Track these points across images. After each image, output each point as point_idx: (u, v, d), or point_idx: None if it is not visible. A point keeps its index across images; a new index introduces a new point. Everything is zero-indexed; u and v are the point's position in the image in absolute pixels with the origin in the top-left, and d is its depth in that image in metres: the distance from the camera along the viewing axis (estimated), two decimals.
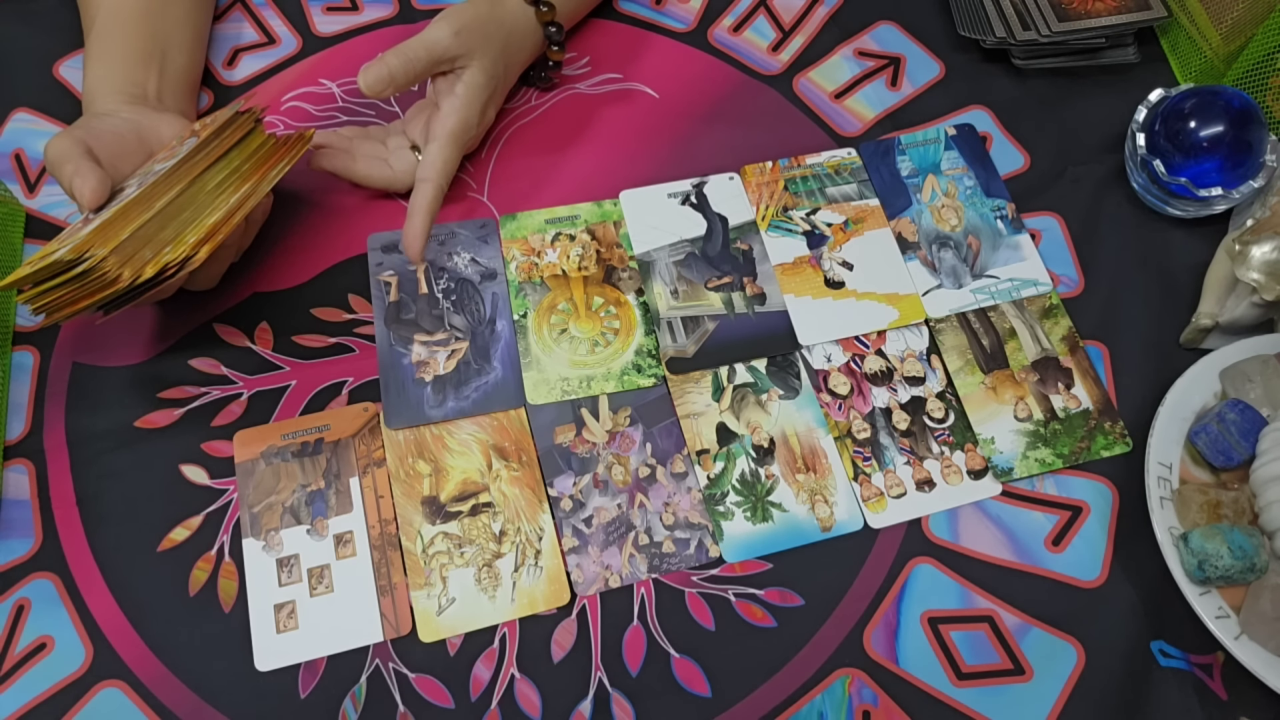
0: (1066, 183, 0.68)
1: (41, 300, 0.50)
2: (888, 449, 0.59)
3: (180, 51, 0.63)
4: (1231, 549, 0.50)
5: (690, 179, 0.67)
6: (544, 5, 0.63)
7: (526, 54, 0.65)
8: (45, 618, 0.52)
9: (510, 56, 0.63)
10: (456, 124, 0.60)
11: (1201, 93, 0.64)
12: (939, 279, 0.64)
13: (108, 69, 0.60)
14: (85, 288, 0.49)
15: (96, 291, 0.49)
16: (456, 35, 0.58)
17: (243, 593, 0.53)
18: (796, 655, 0.53)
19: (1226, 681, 0.53)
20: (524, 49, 0.64)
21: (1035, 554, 0.56)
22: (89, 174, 0.51)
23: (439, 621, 0.53)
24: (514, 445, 0.57)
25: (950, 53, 0.74)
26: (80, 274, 0.48)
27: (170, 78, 0.62)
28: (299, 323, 0.61)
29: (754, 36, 0.74)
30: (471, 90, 0.60)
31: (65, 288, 0.49)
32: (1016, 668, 0.53)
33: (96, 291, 0.49)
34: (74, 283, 0.49)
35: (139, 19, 0.62)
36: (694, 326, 0.61)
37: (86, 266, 0.48)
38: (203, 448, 0.57)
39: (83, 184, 0.51)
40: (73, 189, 0.51)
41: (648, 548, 0.55)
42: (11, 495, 0.55)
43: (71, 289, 0.49)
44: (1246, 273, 0.58)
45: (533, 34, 0.64)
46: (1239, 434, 0.54)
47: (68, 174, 0.52)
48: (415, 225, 0.58)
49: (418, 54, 0.57)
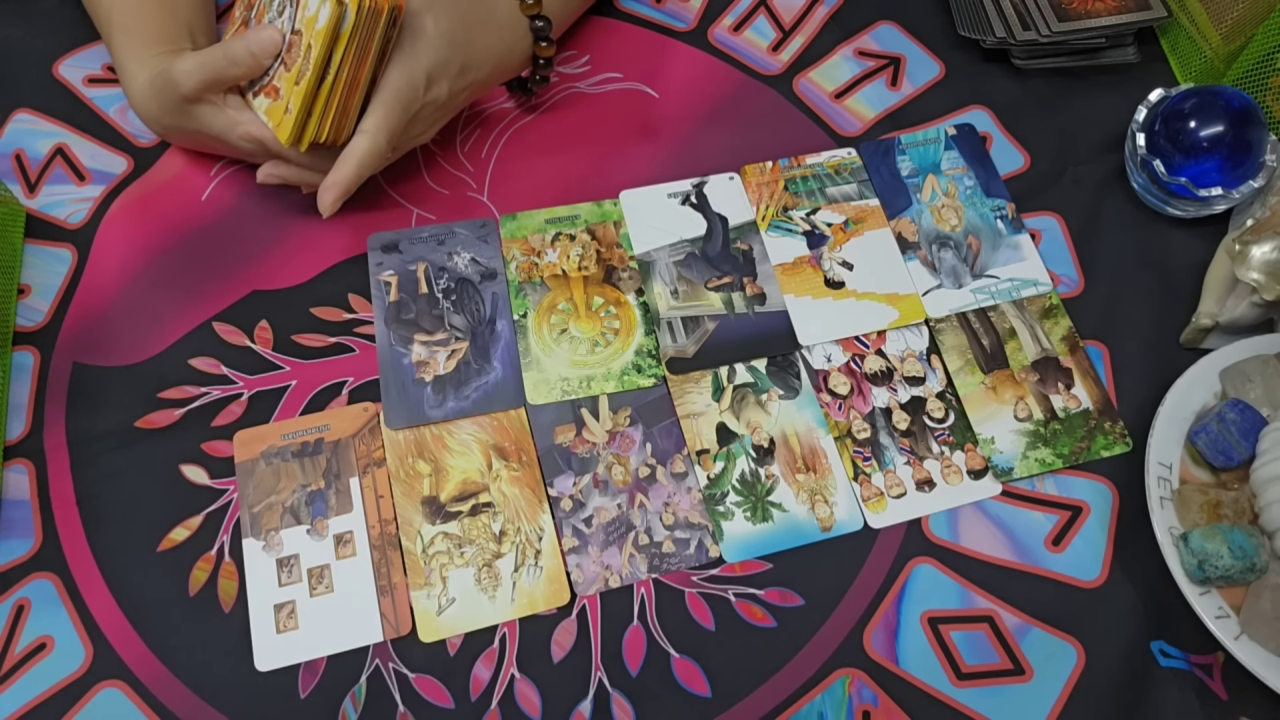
0: (1066, 183, 0.68)
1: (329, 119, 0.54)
2: (888, 449, 0.59)
3: (201, 34, 0.63)
4: (1231, 549, 0.50)
5: (690, 179, 0.67)
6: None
7: (508, 45, 0.61)
8: (45, 618, 0.52)
9: (482, 37, 0.59)
10: (396, 77, 0.56)
11: (1201, 93, 0.64)
12: (939, 279, 0.64)
13: (145, 51, 0.59)
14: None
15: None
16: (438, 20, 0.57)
17: (243, 593, 0.53)
18: (796, 655, 0.53)
19: (1226, 681, 0.53)
20: (505, 40, 0.61)
21: (1035, 554, 0.56)
22: (256, 31, 0.54)
23: (439, 621, 0.53)
24: (514, 445, 0.57)
25: (950, 53, 0.74)
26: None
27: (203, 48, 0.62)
28: (299, 322, 0.61)
29: (754, 36, 0.74)
30: (422, 44, 0.56)
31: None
32: (1016, 668, 0.53)
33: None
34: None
35: (159, 3, 0.61)
36: (694, 326, 0.61)
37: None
38: (203, 448, 0.57)
39: (259, 35, 0.54)
40: (252, 47, 0.54)
41: (648, 548, 0.55)
42: (11, 495, 0.55)
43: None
44: (1246, 273, 0.58)
45: (516, 25, 0.61)
46: (1239, 434, 0.54)
47: (235, 46, 0.54)
48: (336, 173, 0.55)
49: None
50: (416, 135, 0.61)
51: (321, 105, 0.54)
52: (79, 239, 0.63)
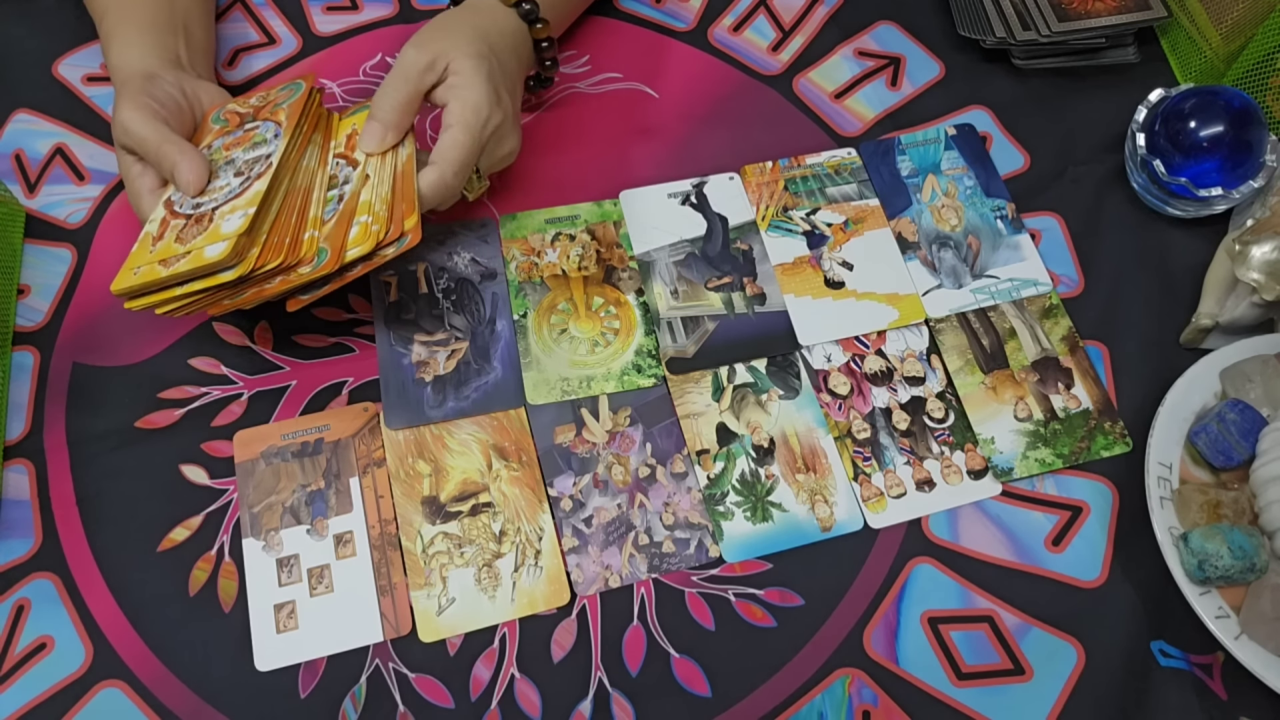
0: (1066, 183, 0.68)
1: (177, 305, 0.50)
2: (888, 449, 0.59)
3: (198, 26, 0.63)
4: (1231, 549, 0.50)
5: (690, 179, 0.67)
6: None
7: (508, 38, 0.60)
8: (45, 618, 0.52)
9: (492, 40, 0.59)
10: (462, 108, 0.55)
11: (1201, 93, 0.64)
12: (939, 279, 0.64)
13: (137, 36, 0.59)
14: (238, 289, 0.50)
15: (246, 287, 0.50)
16: (419, 46, 0.56)
17: (243, 593, 0.53)
18: (796, 655, 0.53)
19: (1226, 681, 0.53)
20: (504, 34, 0.60)
21: (1035, 554, 0.56)
22: (195, 160, 0.52)
23: (439, 621, 0.53)
24: (514, 445, 0.57)
25: (950, 53, 0.74)
26: (235, 280, 0.49)
27: (195, 48, 0.62)
28: (299, 322, 0.61)
29: (754, 36, 0.74)
30: (466, 75, 0.55)
31: (214, 293, 0.50)
32: (1016, 668, 0.53)
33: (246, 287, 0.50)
34: (226, 287, 0.50)
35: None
36: (694, 326, 0.61)
37: (242, 272, 0.49)
38: (203, 448, 0.57)
39: (188, 171, 0.52)
40: (175, 175, 0.52)
41: (648, 548, 0.55)
42: (11, 495, 0.55)
43: (222, 292, 0.50)
44: (1246, 273, 0.58)
45: (505, 20, 0.60)
46: (1239, 434, 0.54)
47: (170, 157, 0.52)
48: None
49: (396, 84, 0.55)
50: (504, 156, 0.60)
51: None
52: (79, 239, 0.63)
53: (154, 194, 0.55)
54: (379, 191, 0.53)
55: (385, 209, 0.52)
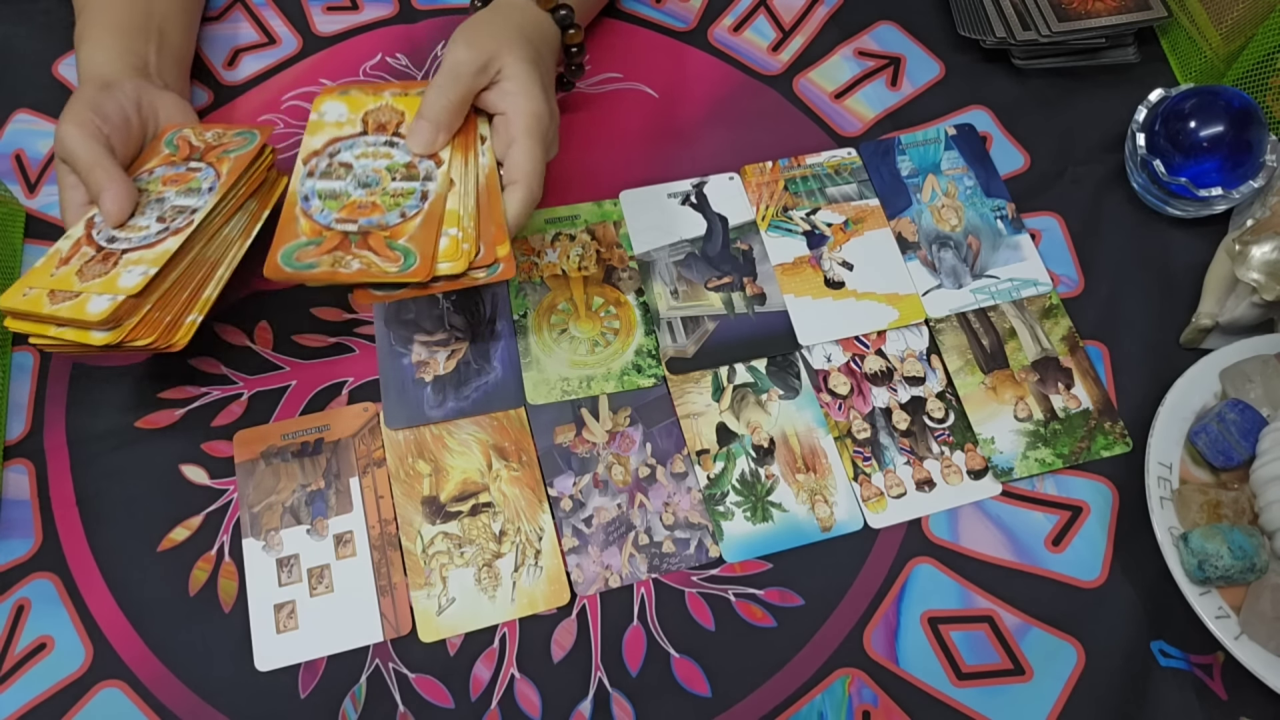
0: (1066, 183, 0.68)
1: (48, 344, 0.50)
2: (888, 449, 0.59)
3: (175, 30, 0.63)
4: (1231, 549, 0.50)
5: (690, 179, 0.67)
6: None
7: (547, 42, 0.60)
8: (45, 618, 0.52)
9: (536, 44, 0.57)
10: (526, 118, 0.53)
11: (1201, 93, 0.64)
12: (939, 279, 0.64)
13: (107, 39, 0.59)
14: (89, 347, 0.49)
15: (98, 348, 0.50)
16: (471, 45, 0.54)
17: (243, 593, 0.53)
18: (796, 655, 0.53)
19: (1226, 681, 0.53)
20: (544, 38, 0.60)
21: (1035, 554, 0.56)
22: (121, 191, 0.51)
23: (439, 621, 0.53)
24: (514, 445, 0.57)
25: (950, 53, 0.74)
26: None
27: (167, 54, 0.62)
28: (299, 322, 0.61)
29: (754, 36, 0.74)
30: (521, 80, 0.53)
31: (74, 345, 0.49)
32: (1016, 668, 0.53)
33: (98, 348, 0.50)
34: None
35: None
36: (694, 326, 0.61)
37: (111, 341, 0.48)
38: (203, 448, 0.57)
39: (111, 202, 0.51)
40: (100, 202, 0.51)
41: (648, 548, 0.55)
42: (11, 495, 0.55)
43: (78, 347, 0.49)
44: (1246, 273, 0.58)
45: (542, 22, 0.60)
46: (1239, 434, 0.54)
47: (98, 182, 0.51)
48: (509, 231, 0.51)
49: (448, 83, 0.53)
50: (552, 155, 0.58)
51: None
52: None
53: (82, 208, 0.54)
54: (465, 203, 0.50)
55: (473, 224, 0.49)
